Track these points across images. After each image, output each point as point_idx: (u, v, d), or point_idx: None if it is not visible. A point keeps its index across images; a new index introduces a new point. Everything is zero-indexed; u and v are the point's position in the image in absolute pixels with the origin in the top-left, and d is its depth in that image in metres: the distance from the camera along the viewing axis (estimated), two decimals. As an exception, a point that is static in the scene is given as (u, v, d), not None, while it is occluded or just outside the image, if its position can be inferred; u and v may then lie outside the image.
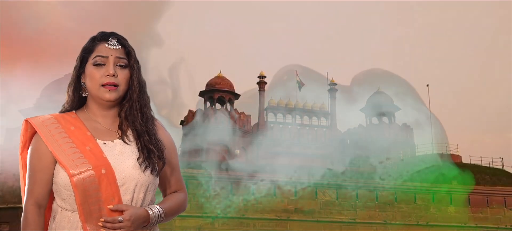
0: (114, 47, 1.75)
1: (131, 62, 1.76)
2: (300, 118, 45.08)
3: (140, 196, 1.72)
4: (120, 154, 1.73)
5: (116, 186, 1.68)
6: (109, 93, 1.72)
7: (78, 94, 1.79)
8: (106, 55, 1.73)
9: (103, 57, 1.73)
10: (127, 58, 1.76)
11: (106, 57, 1.73)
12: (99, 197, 1.66)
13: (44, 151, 1.70)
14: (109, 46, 1.75)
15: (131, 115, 1.77)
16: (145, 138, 1.75)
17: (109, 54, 1.74)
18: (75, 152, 1.69)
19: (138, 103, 1.77)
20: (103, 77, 1.72)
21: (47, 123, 1.74)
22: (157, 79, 35.47)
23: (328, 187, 25.58)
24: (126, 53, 1.77)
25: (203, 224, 23.98)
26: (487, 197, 26.89)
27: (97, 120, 1.78)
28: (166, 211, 1.77)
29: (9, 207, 22.86)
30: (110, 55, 1.74)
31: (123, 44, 1.77)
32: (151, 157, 1.74)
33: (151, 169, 1.73)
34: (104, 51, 1.74)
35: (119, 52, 1.75)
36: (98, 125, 1.78)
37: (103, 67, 1.73)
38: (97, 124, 1.78)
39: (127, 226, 1.63)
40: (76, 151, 1.69)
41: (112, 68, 1.72)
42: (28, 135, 1.77)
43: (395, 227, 25.44)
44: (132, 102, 1.77)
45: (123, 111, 1.78)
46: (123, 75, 1.74)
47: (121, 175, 1.69)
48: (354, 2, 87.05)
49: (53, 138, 1.70)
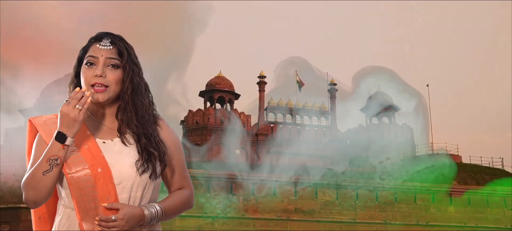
0: (105, 48, 1.74)
1: (123, 63, 1.75)
2: (300, 118, 45.10)
3: (137, 194, 1.72)
4: (118, 153, 1.73)
5: (113, 185, 1.68)
6: (97, 94, 1.72)
7: None
8: (96, 56, 1.73)
9: (94, 57, 1.73)
10: (119, 59, 1.75)
11: (96, 57, 1.73)
12: (95, 196, 1.66)
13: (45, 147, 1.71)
14: (100, 46, 1.74)
15: (125, 116, 1.76)
16: (143, 141, 1.74)
17: (99, 54, 1.73)
18: (73, 151, 1.70)
19: (131, 104, 1.75)
20: (92, 77, 1.72)
21: (48, 122, 1.75)
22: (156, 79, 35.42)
23: (328, 187, 25.58)
24: (118, 53, 1.75)
25: (203, 224, 23.98)
26: (487, 197, 26.89)
27: (97, 119, 1.79)
28: (166, 210, 1.76)
29: (9, 207, 22.86)
30: (100, 55, 1.73)
31: (116, 44, 1.76)
32: (151, 160, 1.74)
33: (150, 173, 1.73)
34: (96, 52, 1.74)
35: (111, 52, 1.74)
36: (99, 124, 1.79)
37: (93, 67, 1.73)
38: (98, 123, 1.79)
39: (121, 225, 1.63)
40: (74, 150, 1.70)
41: (101, 68, 1.72)
42: (33, 135, 1.79)
43: (395, 227, 25.43)
44: (125, 103, 1.76)
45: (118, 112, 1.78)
46: (113, 76, 1.73)
47: (118, 173, 1.70)
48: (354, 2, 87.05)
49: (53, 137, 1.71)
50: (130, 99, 1.76)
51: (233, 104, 41.86)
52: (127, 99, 1.75)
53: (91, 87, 1.72)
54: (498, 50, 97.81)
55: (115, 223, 1.63)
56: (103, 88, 1.72)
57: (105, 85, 1.72)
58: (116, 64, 1.74)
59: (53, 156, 1.63)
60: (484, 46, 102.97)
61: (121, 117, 1.77)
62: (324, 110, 45.62)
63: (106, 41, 1.75)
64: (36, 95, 31.93)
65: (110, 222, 1.63)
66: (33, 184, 1.64)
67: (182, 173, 1.87)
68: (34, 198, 1.66)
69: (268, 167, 26.83)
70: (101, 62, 1.72)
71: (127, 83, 1.75)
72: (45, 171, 1.63)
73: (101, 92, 1.72)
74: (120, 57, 1.75)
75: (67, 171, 1.67)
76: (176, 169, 1.86)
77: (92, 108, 1.79)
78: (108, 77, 1.72)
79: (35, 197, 1.65)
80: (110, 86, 1.73)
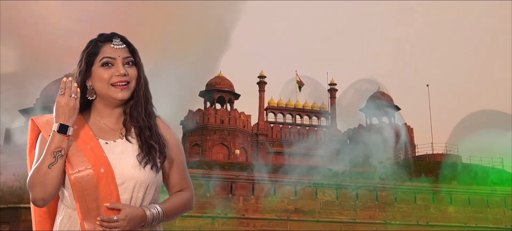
0: (120, 47, 1.78)
1: (137, 60, 1.80)
2: (300, 118, 45.12)
3: (139, 195, 1.73)
4: (121, 153, 1.75)
5: (115, 185, 1.69)
6: (122, 92, 1.76)
7: (85, 98, 1.80)
8: (113, 56, 1.76)
9: (111, 58, 1.76)
10: (133, 56, 1.80)
11: (113, 58, 1.76)
12: (97, 196, 1.67)
13: None
14: (114, 46, 1.78)
15: (135, 111, 1.79)
16: (146, 133, 1.78)
17: (116, 55, 1.77)
18: (76, 151, 1.71)
19: (143, 99, 1.80)
20: (114, 77, 1.75)
21: (51, 122, 1.75)
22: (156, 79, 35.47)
23: (328, 187, 25.58)
24: (131, 51, 1.80)
25: (203, 224, 23.99)
26: (487, 197, 26.90)
27: (101, 120, 1.81)
28: (167, 211, 1.77)
29: (9, 207, 22.86)
30: (117, 55, 1.77)
31: (126, 43, 1.81)
32: (151, 152, 1.76)
33: (151, 165, 1.75)
34: (111, 52, 1.77)
35: (125, 51, 1.79)
36: (102, 125, 1.81)
37: (111, 68, 1.76)
38: (101, 124, 1.81)
39: (122, 226, 1.64)
40: (78, 150, 1.71)
41: (122, 67, 1.76)
42: (34, 134, 1.80)
43: (395, 227, 25.44)
44: (138, 98, 1.80)
45: (128, 107, 1.81)
46: (133, 73, 1.78)
47: (120, 174, 1.71)
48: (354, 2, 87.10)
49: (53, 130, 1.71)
50: (143, 95, 1.80)
51: (233, 104, 41.85)
52: (141, 94, 1.80)
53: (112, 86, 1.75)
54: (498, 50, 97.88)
55: (117, 223, 1.64)
56: (127, 86, 1.76)
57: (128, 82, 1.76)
58: (132, 61, 1.79)
59: (57, 148, 1.65)
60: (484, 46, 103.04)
61: (132, 111, 1.80)
62: (324, 110, 45.64)
63: (117, 40, 1.79)
64: (36, 95, 31.96)
65: (112, 223, 1.63)
66: (39, 179, 1.64)
67: (183, 174, 1.89)
68: (41, 195, 1.65)
69: (268, 167, 26.84)
70: (119, 62, 1.76)
71: (142, 79, 1.80)
72: (50, 164, 1.64)
73: (125, 89, 1.76)
74: (132, 54, 1.80)
75: (70, 171, 1.68)
76: (177, 170, 1.87)
77: (98, 109, 1.81)
78: (129, 74, 1.77)
79: (42, 193, 1.65)
80: (131, 82, 1.77)
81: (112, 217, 1.64)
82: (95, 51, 1.78)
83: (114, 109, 1.80)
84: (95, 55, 1.77)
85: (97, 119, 1.81)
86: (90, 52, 1.78)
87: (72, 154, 1.70)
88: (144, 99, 1.80)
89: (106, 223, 1.63)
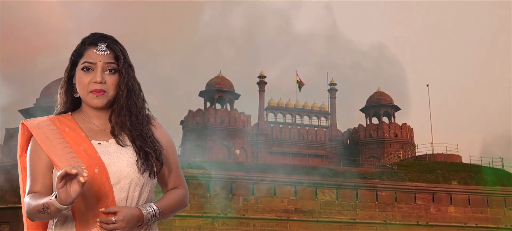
0: (102, 53, 1.74)
1: (119, 67, 1.75)
2: (300, 118, 45.14)
3: (135, 194, 1.72)
4: (114, 153, 1.73)
5: (110, 185, 1.68)
6: (97, 99, 1.72)
7: (71, 95, 1.79)
8: (94, 62, 1.73)
9: (91, 63, 1.73)
10: (116, 63, 1.75)
11: (94, 63, 1.73)
12: (92, 196, 1.66)
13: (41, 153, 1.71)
14: (97, 51, 1.74)
15: (119, 120, 1.77)
16: (138, 142, 1.75)
17: (97, 60, 1.73)
18: (69, 152, 1.69)
19: (125, 108, 1.76)
20: (91, 83, 1.72)
21: (42, 125, 1.74)
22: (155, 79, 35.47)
23: (328, 187, 25.58)
24: (115, 57, 1.75)
25: (203, 224, 23.99)
26: (487, 197, 26.90)
27: (91, 121, 1.79)
28: (163, 209, 1.77)
29: (9, 207, 22.86)
30: (98, 61, 1.73)
31: (112, 48, 1.76)
32: (149, 159, 1.74)
33: (150, 172, 1.74)
34: (93, 57, 1.73)
35: (108, 57, 1.74)
36: (93, 126, 1.79)
37: (91, 73, 1.73)
38: (92, 125, 1.79)
39: (121, 226, 1.63)
40: (70, 152, 1.70)
41: (100, 75, 1.72)
42: (25, 138, 1.78)
43: (395, 227, 25.43)
44: (120, 108, 1.76)
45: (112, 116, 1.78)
46: (111, 81, 1.74)
47: (115, 173, 1.70)
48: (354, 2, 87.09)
49: (47, 140, 1.71)
50: (124, 103, 1.76)
51: (233, 104, 41.84)
52: (122, 103, 1.76)
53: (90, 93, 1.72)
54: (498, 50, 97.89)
55: (116, 224, 1.63)
56: (102, 93, 1.73)
57: (104, 90, 1.73)
58: (113, 68, 1.74)
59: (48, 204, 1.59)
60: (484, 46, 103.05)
61: (115, 120, 1.77)
62: (324, 110, 45.65)
63: (102, 45, 1.75)
64: (36, 95, 31.97)
65: (110, 224, 1.63)
66: (31, 216, 1.67)
67: (176, 172, 1.88)
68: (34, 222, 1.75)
69: (268, 167, 26.84)
70: (99, 68, 1.72)
71: (123, 87, 1.75)
72: (39, 211, 1.62)
73: (100, 96, 1.72)
74: (116, 61, 1.75)
75: None
76: (171, 169, 1.87)
77: (86, 111, 1.80)
78: (107, 82, 1.73)
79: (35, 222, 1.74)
80: (108, 91, 1.73)
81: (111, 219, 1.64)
82: (80, 52, 1.75)
83: (100, 112, 1.78)
84: (80, 56, 1.75)
85: (86, 120, 1.79)
86: (75, 52, 1.77)
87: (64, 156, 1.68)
88: (126, 108, 1.75)
89: (105, 224, 1.63)
